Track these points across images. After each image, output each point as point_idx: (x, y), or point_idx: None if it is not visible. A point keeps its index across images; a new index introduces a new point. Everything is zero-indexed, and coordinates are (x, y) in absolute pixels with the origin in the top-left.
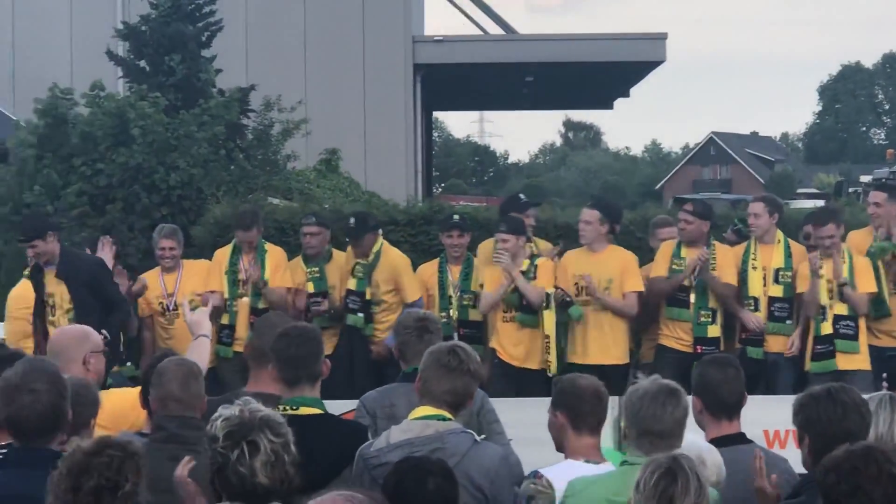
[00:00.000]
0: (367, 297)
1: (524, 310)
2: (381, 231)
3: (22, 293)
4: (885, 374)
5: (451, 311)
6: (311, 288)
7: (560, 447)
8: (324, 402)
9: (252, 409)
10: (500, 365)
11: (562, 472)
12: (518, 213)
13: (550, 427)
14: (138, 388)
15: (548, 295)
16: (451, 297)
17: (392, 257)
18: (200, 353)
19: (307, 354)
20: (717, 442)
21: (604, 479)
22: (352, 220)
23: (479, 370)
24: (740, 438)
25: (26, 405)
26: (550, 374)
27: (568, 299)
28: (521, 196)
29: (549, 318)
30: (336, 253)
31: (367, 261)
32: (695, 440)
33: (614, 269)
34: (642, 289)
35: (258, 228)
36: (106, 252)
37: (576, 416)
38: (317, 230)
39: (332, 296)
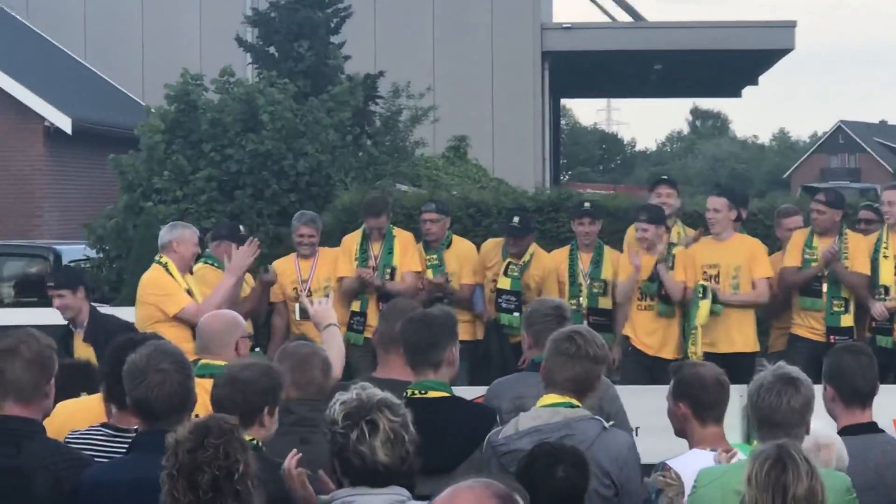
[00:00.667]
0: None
1: (664, 300)
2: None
3: (154, 278)
4: None
5: (580, 299)
6: (429, 275)
7: (681, 435)
8: (454, 387)
9: (369, 391)
10: (634, 353)
11: (689, 463)
12: (670, 188)
13: (671, 416)
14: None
15: (704, 287)
16: (580, 284)
17: (544, 261)
18: (332, 343)
19: (429, 341)
20: (848, 430)
21: (732, 469)
22: (516, 219)
23: (602, 354)
24: (872, 427)
25: (154, 385)
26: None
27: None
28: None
29: (704, 308)
30: (456, 239)
31: (521, 262)
32: (817, 427)
33: (742, 257)
34: (772, 274)
35: (387, 215)
36: (244, 253)
37: (699, 406)
38: (437, 217)
39: (451, 282)
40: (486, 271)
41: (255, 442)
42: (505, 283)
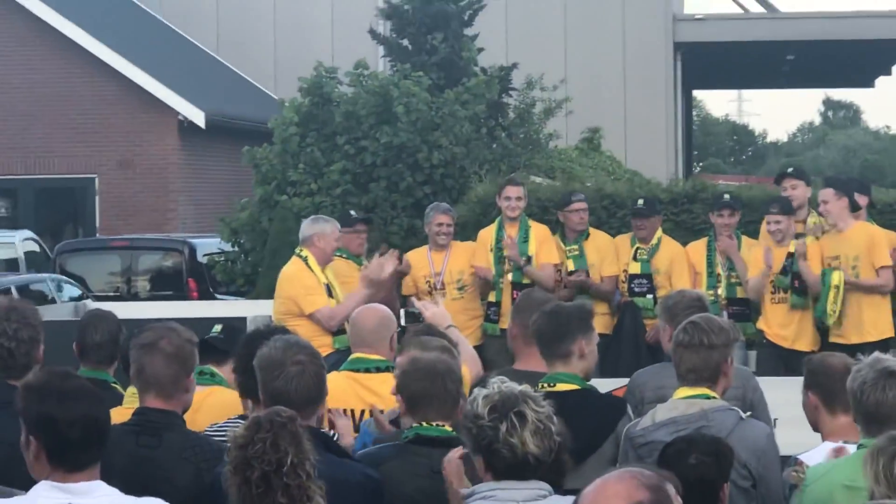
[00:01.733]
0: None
1: (797, 292)
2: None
3: (295, 273)
4: None
5: (718, 290)
6: (570, 266)
7: (816, 428)
8: (597, 379)
9: (508, 384)
10: (769, 346)
11: (820, 456)
12: (799, 180)
13: (805, 408)
14: None
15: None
16: (719, 274)
17: (672, 246)
18: (461, 348)
19: (556, 332)
20: None
21: (841, 464)
22: (640, 201)
23: (721, 341)
24: None
25: (293, 377)
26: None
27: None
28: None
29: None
30: (594, 231)
31: (649, 245)
32: None
33: (860, 246)
34: (890, 263)
35: (525, 194)
36: (387, 265)
37: (828, 396)
38: (585, 206)
39: (591, 274)
40: (620, 262)
41: (454, 433)
42: (635, 268)
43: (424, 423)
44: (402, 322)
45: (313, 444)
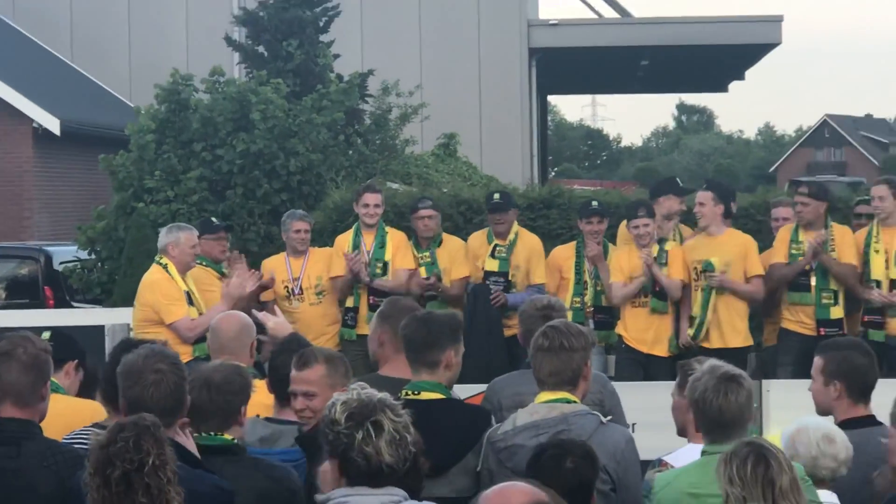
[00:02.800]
0: (510, 278)
1: (657, 296)
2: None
3: (156, 281)
4: None
5: (585, 297)
6: (423, 273)
7: (683, 432)
8: (456, 384)
9: (367, 391)
10: (627, 350)
11: (684, 458)
12: (677, 196)
13: (674, 411)
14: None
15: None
16: (585, 282)
17: (529, 239)
18: None
19: (427, 340)
20: (849, 424)
21: (685, 471)
22: (497, 196)
23: (580, 344)
24: (872, 420)
25: (150, 385)
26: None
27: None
28: (679, 181)
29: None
30: (447, 237)
31: (506, 242)
32: (819, 420)
33: (733, 253)
34: (763, 272)
35: (382, 201)
36: (240, 270)
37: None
38: (434, 213)
39: (443, 280)
40: (476, 261)
41: (234, 441)
42: (492, 265)
43: (203, 434)
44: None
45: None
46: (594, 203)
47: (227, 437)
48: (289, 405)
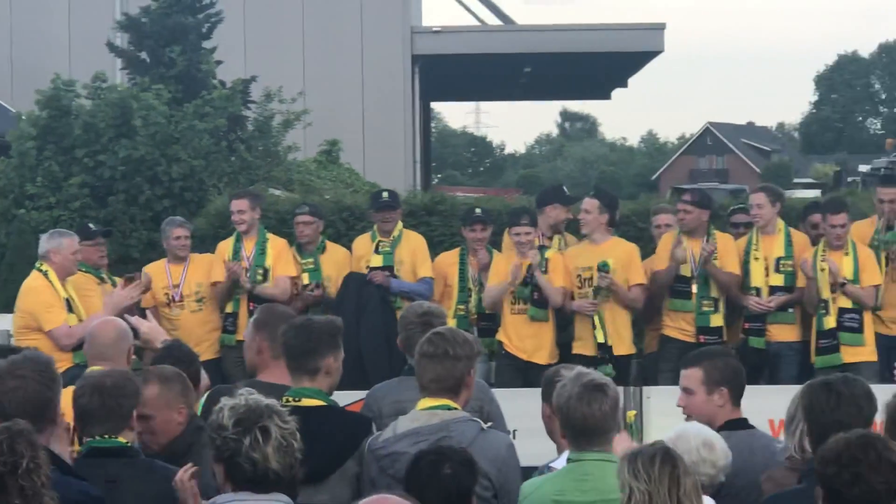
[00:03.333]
0: (395, 272)
1: (537, 304)
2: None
3: (35, 288)
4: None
5: (469, 305)
6: (306, 279)
7: (553, 437)
8: (337, 389)
9: (255, 397)
10: (508, 357)
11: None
12: (563, 206)
13: (543, 419)
14: None
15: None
16: (470, 289)
17: (413, 236)
18: None
19: (307, 347)
20: (729, 425)
21: (551, 478)
22: (385, 194)
23: (464, 352)
24: (747, 423)
25: (9, 391)
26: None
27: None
28: (565, 189)
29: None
30: (331, 245)
31: (390, 239)
32: (699, 426)
33: (616, 262)
34: (645, 281)
35: (252, 206)
36: (125, 295)
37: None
38: (310, 219)
39: (327, 288)
40: (360, 262)
41: (128, 444)
42: (377, 260)
43: (97, 437)
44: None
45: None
46: (477, 210)
47: (122, 440)
48: None
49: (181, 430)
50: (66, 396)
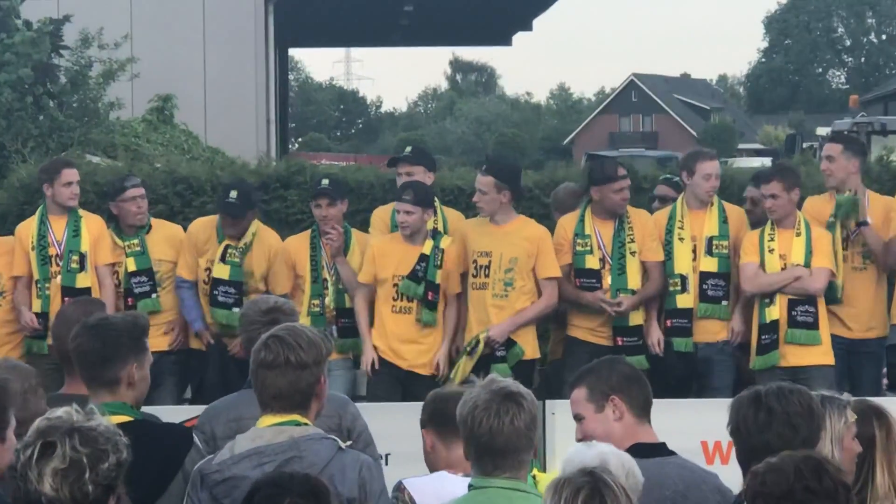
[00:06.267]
0: (245, 288)
1: (429, 305)
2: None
3: None
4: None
5: (325, 299)
6: (132, 266)
7: (433, 468)
8: (162, 406)
9: (73, 413)
10: (384, 365)
11: (430, 485)
12: (427, 169)
13: (424, 451)
14: None
15: (476, 342)
16: (325, 280)
17: (270, 241)
18: None
19: (102, 354)
20: (639, 450)
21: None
22: (233, 194)
23: (309, 358)
24: (665, 449)
25: None
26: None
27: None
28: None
29: (465, 367)
30: (158, 223)
31: (241, 244)
32: (611, 448)
33: (521, 248)
34: (559, 273)
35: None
36: None
37: (444, 429)
38: (142, 193)
39: (157, 275)
40: (199, 258)
41: None
42: (222, 272)
43: None
44: None
45: None
46: (324, 182)
47: None
48: None
49: None
50: None
